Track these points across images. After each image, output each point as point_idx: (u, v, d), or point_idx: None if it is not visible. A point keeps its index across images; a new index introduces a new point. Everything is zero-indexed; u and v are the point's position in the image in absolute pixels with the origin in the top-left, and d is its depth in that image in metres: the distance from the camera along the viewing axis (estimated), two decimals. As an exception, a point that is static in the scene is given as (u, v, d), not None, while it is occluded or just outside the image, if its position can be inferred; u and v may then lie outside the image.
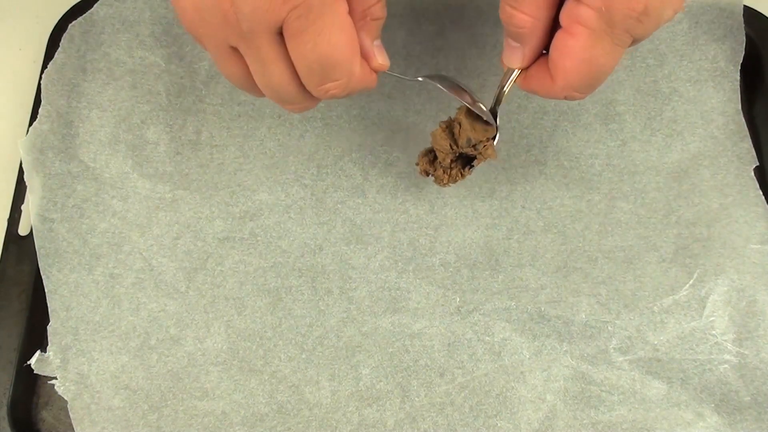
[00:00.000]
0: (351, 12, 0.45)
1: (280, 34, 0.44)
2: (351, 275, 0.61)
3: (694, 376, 0.57)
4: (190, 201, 0.64)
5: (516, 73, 0.50)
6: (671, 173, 0.64)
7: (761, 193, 0.62)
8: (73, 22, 0.67)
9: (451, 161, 0.57)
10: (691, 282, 0.59)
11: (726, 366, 0.57)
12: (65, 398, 0.58)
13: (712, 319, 0.58)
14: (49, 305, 0.60)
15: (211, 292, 0.61)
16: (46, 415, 0.60)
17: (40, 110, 0.64)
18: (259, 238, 0.63)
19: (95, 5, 0.68)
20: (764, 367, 0.56)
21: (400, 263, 0.62)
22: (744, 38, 0.66)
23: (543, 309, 0.59)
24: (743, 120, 0.65)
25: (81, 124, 0.65)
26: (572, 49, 0.44)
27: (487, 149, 0.57)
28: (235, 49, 0.46)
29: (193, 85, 0.67)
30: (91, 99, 0.66)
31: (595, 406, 0.57)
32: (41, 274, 0.61)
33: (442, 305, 0.60)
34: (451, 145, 0.57)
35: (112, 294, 0.61)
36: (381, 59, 0.49)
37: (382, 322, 0.60)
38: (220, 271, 0.62)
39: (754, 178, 0.63)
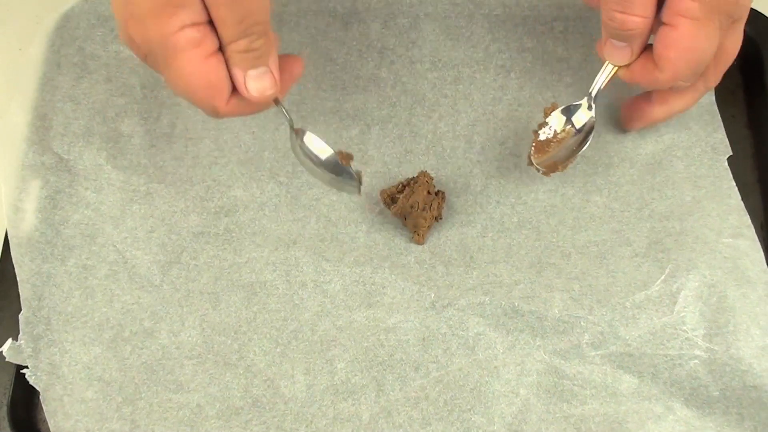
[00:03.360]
0: (221, 45, 0.47)
1: None
2: (325, 268, 0.61)
3: (665, 370, 0.57)
4: (165, 194, 0.64)
5: (614, 69, 0.54)
6: (645, 165, 0.64)
7: (734, 184, 0.62)
8: (48, 18, 0.68)
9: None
10: (662, 277, 0.59)
11: (696, 361, 0.57)
12: (37, 389, 0.58)
13: (683, 314, 0.58)
14: (21, 294, 0.60)
15: (186, 286, 0.61)
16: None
17: (13, 102, 0.64)
18: (233, 234, 0.62)
19: (73, 1, 0.69)
20: (733, 363, 0.56)
21: (375, 260, 0.62)
22: None
23: (517, 304, 0.59)
24: (717, 110, 0.65)
25: (55, 117, 0.66)
26: (676, 40, 0.48)
27: (418, 231, 0.62)
28: None
29: (167, 79, 0.67)
30: (65, 92, 0.66)
31: (567, 400, 0.57)
32: (13, 263, 0.61)
33: (417, 300, 0.60)
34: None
35: (85, 285, 0.61)
36: (253, 88, 0.49)
37: (356, 316, 0.60)
38: (194, 266, 0.62)
39: (728, 168, 0.63)
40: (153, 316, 0.60)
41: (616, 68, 0.54)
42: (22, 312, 0.59)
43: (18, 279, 0.60)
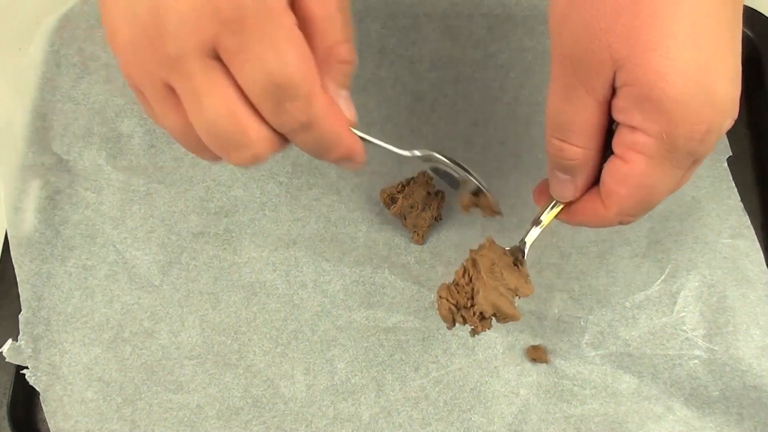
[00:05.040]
0: (312, 51, 0.38)
1: (217, 58, 0.37)
2: (325, 268, 0.61)
3: (665, 370, 0.57)
4: (165, 195, 0.64)
5: (559, 207, 0.47)
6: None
7: (734, 185, 0.62)
8: (48, 19, 0.67)
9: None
10: (662, 277, 0.59)
11: (696, 361, 0.57)
12: (37, 389, 0.58)
13: (682, 314, 0.58)
14: (20, 295, 0.60)
15: (186, 287, 0.61)
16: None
17: (13, 102, 0.64)
18: (233, 235, 0.62)
19: (73, 1, 0.68)
20: (733, 363, 0.56)
21: (375, 260, 0.62)
22: None
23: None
24: None
25: (54, 117, 0.65)
26: (628, 176, 0.41)
27: (417, 231, 0.60)
28: (171, 89, 0.39)
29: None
30: (64, 92, 0.66)
31: (567, 400, 0.57)
32: (13, 263, 0.61)
33: (417, 300, 0.60)
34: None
35: (84, 285, 0.61)
36: (347, 111, 0.42)
37: (356, 316, 0.60)
38: (194, 266, 0.62)
39: (728, 168, 0.63)
40: (153, 316, 0.60)
41: (560, 207, 0.47)
42: (22, 312, 0.59)
43: (18, 279, 0.60)
